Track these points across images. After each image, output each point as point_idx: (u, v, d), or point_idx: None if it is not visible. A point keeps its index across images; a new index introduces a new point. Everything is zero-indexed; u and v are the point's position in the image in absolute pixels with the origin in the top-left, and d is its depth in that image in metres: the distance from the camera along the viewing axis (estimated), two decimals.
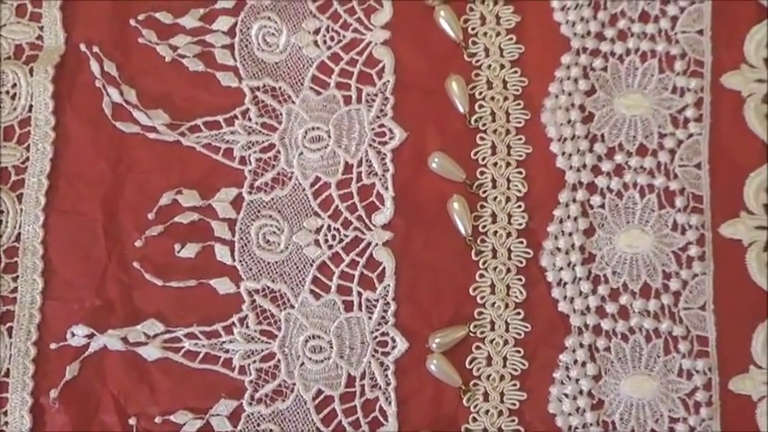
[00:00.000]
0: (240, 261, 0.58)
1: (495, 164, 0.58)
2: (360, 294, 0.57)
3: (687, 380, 0.56)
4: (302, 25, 0.60)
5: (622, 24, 0.59)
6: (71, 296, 0.58)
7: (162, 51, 0.60)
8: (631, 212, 0.58)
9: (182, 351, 0.57)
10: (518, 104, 0.59)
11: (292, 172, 0.58)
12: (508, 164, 0.58)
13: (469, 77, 0.59)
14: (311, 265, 0.58)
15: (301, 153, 0.58)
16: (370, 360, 0.57)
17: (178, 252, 0.58)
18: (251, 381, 0.57)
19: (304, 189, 0.58)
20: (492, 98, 0.59)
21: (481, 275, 0.58)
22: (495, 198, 0.58)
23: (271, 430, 0.56)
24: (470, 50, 0.60)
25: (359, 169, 0.58)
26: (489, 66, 0.59)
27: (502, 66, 0.59)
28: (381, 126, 0.59)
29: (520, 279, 0.57)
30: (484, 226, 0.58)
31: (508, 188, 0.58)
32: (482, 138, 0.59)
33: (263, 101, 0.59)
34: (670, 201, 0.58)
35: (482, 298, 0.57)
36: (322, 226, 0.58)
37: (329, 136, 0.59)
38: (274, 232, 0.58)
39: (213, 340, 0.57)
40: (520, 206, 0.58)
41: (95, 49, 0.60)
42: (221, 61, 0.60)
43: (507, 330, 0.57)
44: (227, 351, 0.57)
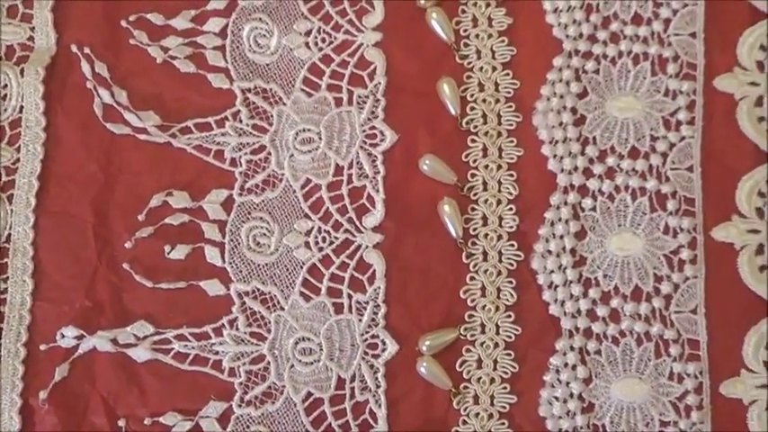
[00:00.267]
0: (230, 263, 0.58)
1: (486, 166, 0.58)
2: (350, 297, 0.57)
3: (678, 383, 0.56)
4: (293, 27, 0.60)
5: (615, 27, 0.59)
6: (61, 297, 0.58)
7: (153, 53, 0.60)
8: (623, 215, 0.58)
9: (171, 353, 0.57)
10: (510, 107, 0.59)
11: (283, 174, 0.58)
12: (499, 166, 0.58)
13: (461, 79, 0.59)
14: (301, 268, 0.57)
15: (292, 155, 0.58)
16: (360, 362, 0.57)
17: (168, 254, 0.58)
18: (240, 383, 0.57)
19: (294, 191, 0.58)
20: (483, 100, 0.59)
21: (472, 278, 0.57)
22: (485, 201, 0.58)
23: None
24: (462, 52, 0.59)
25: (349, 171, 0.58)
26: (481, 68, 0.59)
27: (494, 68, 0.59)
28: (372, 128, 0.59)
29: (510, 282, 0.57)
30: (475, 228, 0.58)
31: (499, 191, 0.58)
32: (473, 140, 0.59)
33: (254, 102, 0.59)
34: (662, 204, 0.58)
35: (472, 301, 0.57)
36: (312, 228, 0.58)
37: (320, 138, 0.58)
38: (264, 234, 0.58)
39: (203, 342, 0.57)
40: (511, 209, 0.58)
41: (86, 50, 0.60)
42: (212, 63, 0.60)
43: (498, 333, 0.57)
44: (216, 353, 0.57)
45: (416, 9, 0.60)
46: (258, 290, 0.57)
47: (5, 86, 0.59)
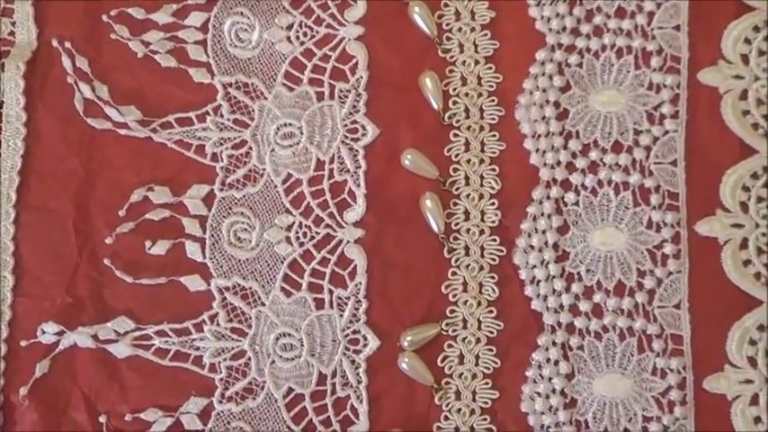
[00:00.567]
0: (211, 258, 0.57)
1: (468, 161, 0.58)
2: (331, 292, 0.57)
3: (661, 378, 0.56)
4: (275, 21, 0.59)
5: (598, 20, 0.59)
6: (42, 293, 0.57)
7: (134, 47, 0.59)
8: (606, 210, 0.57)
9: (152, 349, 0.57)
10: (492, 101, 0.58)
11: (264, 169, 0.58)
12: (482, 161, 0.58)
13: (443, 74, 0.59)
14: (282, 263, 0.57)
15: (273, 150, 0.58)
16: (341, 358, 0.56)
17: (149, 249, 0.57)
18: (221, 379, 0.56)
19: (276, 186, 0.58)
20: (466, 94, 0.58)
21: (453, 273, 0.57)
22: (468, 195, 0.58)
23: (241, 428, 0.56)
24: (445, 46, 0.59)
25: (331, 166, 0.58)
26: (464, 62, 0.59)
27: (476, 62, 0.59)
28: (354, 123, 0.58)
29: (493, 277, 0.57)
30: (457, 223, 0.57)
31: (481, 185, 0.58)
32: (456, 134, 0.58)
33: (236, 97, 0.59)
34: (645, 198, 0.57)
35: (454, 296, 0.57)
36: (293, 223, 0.58)
37: (301, 132, 0.58)
38: (245, 229, 0.58)
39: (183, 338, 0.57)
40: (493, 203, 0.57)
41: (67, 45, 0.59)
42: (194, 57, 0.59)
43: (480, 328, 0.57)
44: (197, 349, 0.57)
45: (399, 3, 0.59)
46: (239, 285, 0.57)
47: None
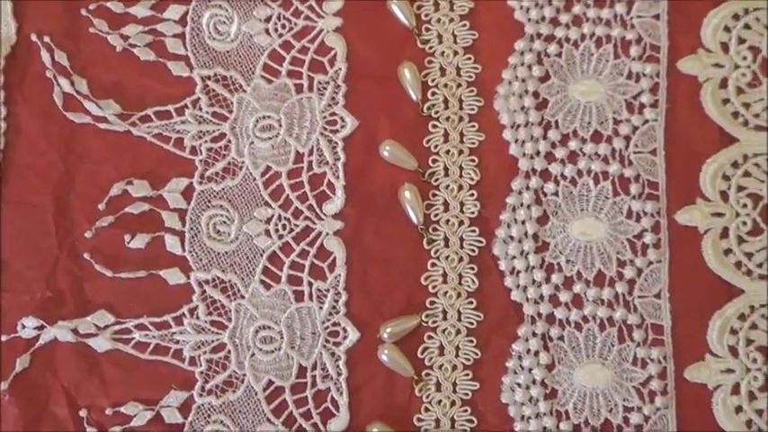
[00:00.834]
0: (190, 251, 0.57)
1: (447, 152, 0.58)
2: (310, 284, 0.57)
3: (642, 369, 0.56)
4: (253, 13, 0.59)
5: (577, 9, 0.58)
6: (22, 288, 0.57)
7: (113, 41, 0.59)
8: (585, 200, 0.57)
9: (132, 342, 0.57)
10: (471, 91, 0.58)
11: (243, 161, 0.58)
12: (461, 151, 0.58)
13: (422, 64, 0.59)
14: (261, 255, 0.57)
15: (252, 142, 0.58)
16: (321, 350, 0.56)
17: (128, 243, 0.57)
18: (201, 372, 0.56)
19: (255, 179, 0.58)
20: (445, 85, 0.58)
21: (433, 264, 0.57)
22: (447, 186, 0.57)
23: (221, 421, 0.56)
24: (423, 37, 0.59)
25: (310, 158, 0.58)
26: (442, 52, 0.59)
27: (455, 52, 0.59)
28: (333, 114, 0.58)
29: (472, 268, 0.57)
30: (436, 214, 0.57)
31: (460, 176, 0.57)
32: (434, 125, 0.58)
33: (214, 90, 0.59)
34: (625, 188, 0.57)
35: (434, 287, 0.57)
36: (272, 216, 0.57)
37: (280, 125, 0.58)
38: (225, 222, 0.57)
39: (163, 331, 0.57)
40: (472, 194, 0.57)
41: (46, 40, 0.59)
42: (172, 50, 0.59)
43: (459, 320, 0.57)
44: (177, 342, 0.57)
45: None
46: (218, 278, 0.57)
47: None
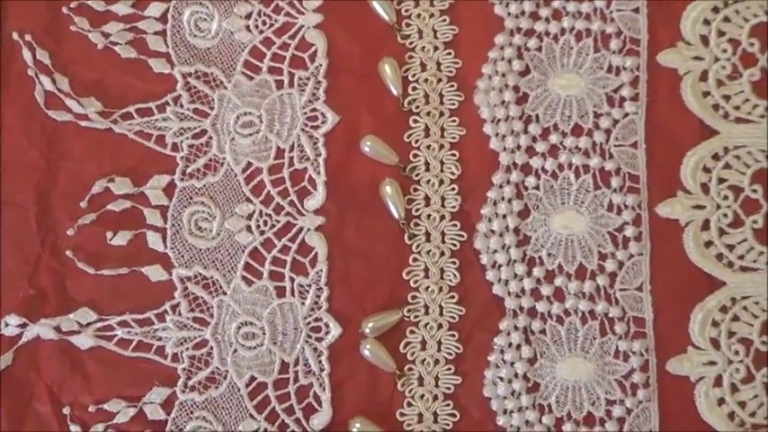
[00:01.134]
0: (172, 248, 0.57)
1: (428, 146, 0.58)
2: (292, 280, 0.57)
3: (624, 361, 0.56)
4: (234, 10, 0.59)
5: (557, 4, 0.58)
6: (4, 286, 0.57)
7: (94, 39, 0.59)
8: (566, 193, 0.57)
9: (114, 339, 0.57)
10: (452, 86, 0.58)
11: (224, 158, 0.58)
12: (441, 146, 0.58)
13: (403, 60, 0.59)
14: (243, 252, 0.57)
15: (233, 139, 0.58)
16: (303, 346, 0.56)
17: (110, 240, 0.57)
18: (184, 368, 0.56)
19: (236, 175, 0.58)
20: (426, 80, 0.58)
21: (414, 259, 0.57)
22: (428, 181, 0.57)
23: (204, 417, 0.56)
24: (404, 32, 0.59)
25: (291, 154, 0.58)
26: (423, 48, 0.59)
27: (436, 47, 0.59)
28: (314, 110, 0.58)
29: (454, 262, 0.57)
30: (417, 209, 0.57)
31: (441, 171, 0.58)
32: (415, 120, 0.58)
33: (195, 87, 0.59)
34: (606, 181, 0.57)
35: (416, 282, 0.57)
36: (254, 212, 0.57)
37: (261, 121, 0.58)
38: (206, 219, 0.57)
39: (146, 328, 0.57)
40: (453, 189, 0.57)
41: (28, 38, 0.59)
42: (153, 48, 0.59)
43: (441, 314, 0.57)
44: (159, 339, 0.57)
45: None
46: (200, 275, 0.57)
47: None
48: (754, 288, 0.56)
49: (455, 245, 0.57)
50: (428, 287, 0.57)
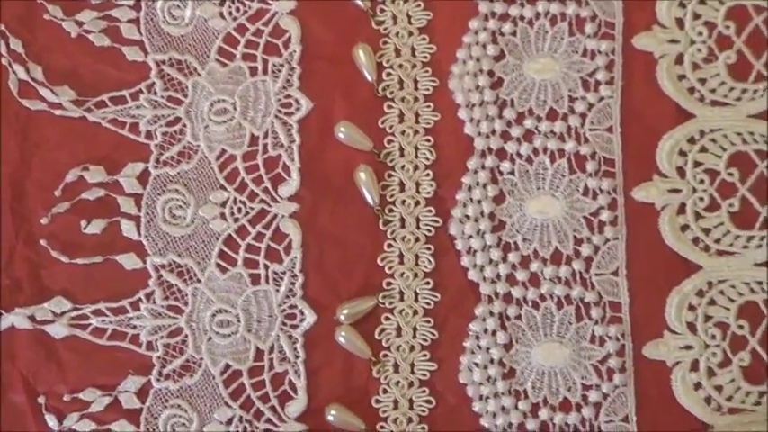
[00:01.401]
0: (146, 236, 0.57)
1: (402, 132, 0.58)
2: (267, 267, 0.57)
3: (600, 346, 0.56)
4: None
5: None
6: None
7: (68, 27, 0.59)
8: (542, 178, 0.57)
9: (89, 328, 0.56)
10: (426, 72, 0.58)
11: (198, 145, 0.58)
12: (416, 132, 0.58)
13: (377, 46, 0.58)
14: (217, 239, 0.57)
15: (207, 126, 0.58)
16: (278, 333, 0.56)
17: (84, 228, 0.57)
18: (159, 356, 0.56)
19: (210, 162, 0.58)
20: (400, 66, 0.58)
21: (389, 245, 0.57)
22: (402, 167, 0.57)
23: (179, 405, 0.56)
24: (378, 18, 0.59)
25: (265, 141, 0.58)
26: (397, 33, 0.58)
27: (410, 33, 0.58)
28: (288, 97, 0.58)
29: (429, 248, 0.57)
30: (392, 195, 0.57)
31: (416, 156, 0.57)
32: (390, 106, 0.58)
33: (169, 74, 0.58)
34: (581, 165, 0.57)
35: (390, 268, 0.57)
36: (228, 199, 0.57)
37: (235, 108, 0.58)
38: (180, 206, 0.57)
39: (120, 316, 0.56)
40: (428, 174, 0.57)
41: (1, 27, 0.59)
42: (127, 36, 0.59)
43: (416, 300, 0.56)
44: (134, 327, 0.56)
45: None
46: (174, 262, 0.57)
47: None
48: (730, 272, 0.56)
49: (430, 231, 0.57)
50: (403, 273, 0.56)
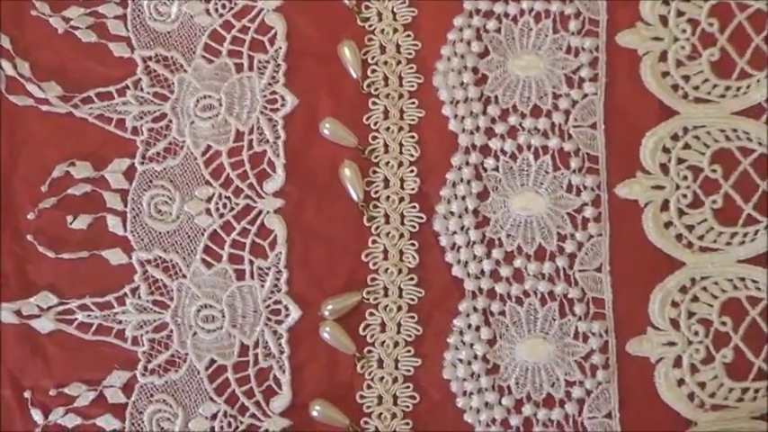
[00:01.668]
0: (132, 231, 0.57)
1: (387, 128, 0.58)
2: (251, 263, 0.57)
3: (583, 342, 0.56)
4: None
5: None
6: None
7: (55, 23, 0.59)
8: (526, 174, 0.57)
9: (75, 323, 0.57)
10: (411, 68, 0.58)
11: (184, 141, 0.58)
12: (401, 128, 0.58)
13: (362, 42, 0.59)
14: (203, 235, 0.57)
15: (193, 122, 0.58)
16: (263, 329, 0.56)
17: (70, 224, 0.57)
18: (144, 351, 0.56)
19: (195, 158, 0.58)
20: (385, 62, 0.58)
21: (374, 241, 0.57)
22: (387, 163, 0.57)
23: (164, 401, 0.56)
24: (363, 15, 0.59)
25: (250, 137, 0.58)
26: (382, 30, 0.59)
27: (395, 30, 0.59)
28: (273, 93, 0.58)
29: (413, 244, 0.57)
30: (376, 191, 0.57)
31: (400, 152, 0.57)
32: (374, 103, 0.58)
33: (155, 70, 0.59)
34: (565, 162, 0.57)
35: (375, 264, 0.57)
36: (213, 194, 0.57)
37: (221, 104, 0.58)
38: (166, 202, 0.58)
39: (106, 311, 0.57)
40: (412, 170, 0.57)
41: None
42: (114, 32, 0.59)
43: (401, 296, 0.57)
44: (119, 322, 0.57)
45: None
46: (160, 258, 0.57)
47: None
48: (713, 268, 0.56)
49: (414, 227, 0.57)
50: (387, 269, 0.57)
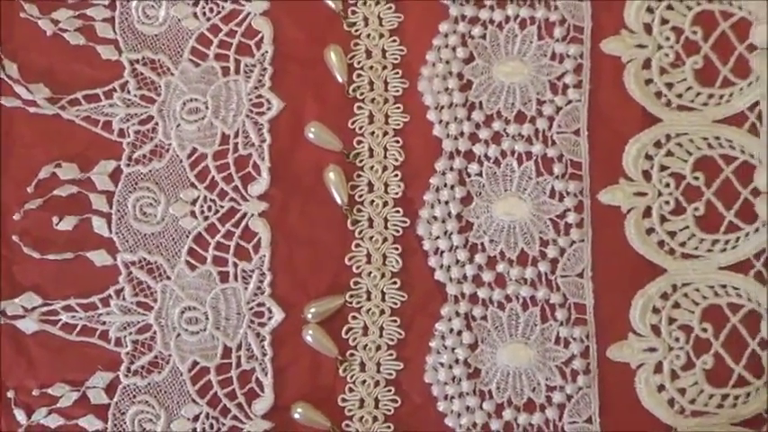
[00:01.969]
0: (117, 233, 0.58)
1: (372, 133, 0.58)
2: (235, 265, 0.57)
3: (564, 348, 0.56)
4: None
5: None
6: None
7: (43, 25, 0.60)
8: (509, 180, 0.57)
9: (59, 324, 0.57)
10: (396, 73, 0.59)
11: (170, 144, 0.58)
12: (385, 133, 0.58)
13: (348, 47, 0.59)
14: (187, 237, 0.57)
15: (179, 125, 0.58)
16: (246, 331, 0.57)
17: (56, 225, 0.58)
18: (127, 353, 0.57)
19: (181, 160, 0.58)
20: (371, 67, 0.59)
21: (357, 245, 0.57)
22: (371, 167, 0.58)
23: (146, 402, 0.56)
24: (350, 20, 0.59)
25: (236, 140, 0.58)
26: (368, 35, 0.59)
27: (381, 35, 0.59)
28: (259, 97, 0.59)
29: (396, 248, 0.57)
30: (360, 195, 0.58)
31: (385, 157, 0.58)
32: (360, 107, 0.58)
33: (143, 73, 0.59)
34: (548, 168, 0.57)
35: (358, 267, 0.57)
36: (198, 197, 0.58)
37: (207, 107, 0.58)
38: (151, 204, 0.58)
39: (90, 312, 0.57)
40: (396, 175, 0.58)
41: None
42: (102, 34, 0.60)
43: (383, 300, 0.57)
44: (103, 323, 0.57)
45: None
46: (144, 259, 0.57)
47: None
48: (695, 275, 0.56)
49: (398, 231, 0.57)
50: (370, 273, 0.57)
